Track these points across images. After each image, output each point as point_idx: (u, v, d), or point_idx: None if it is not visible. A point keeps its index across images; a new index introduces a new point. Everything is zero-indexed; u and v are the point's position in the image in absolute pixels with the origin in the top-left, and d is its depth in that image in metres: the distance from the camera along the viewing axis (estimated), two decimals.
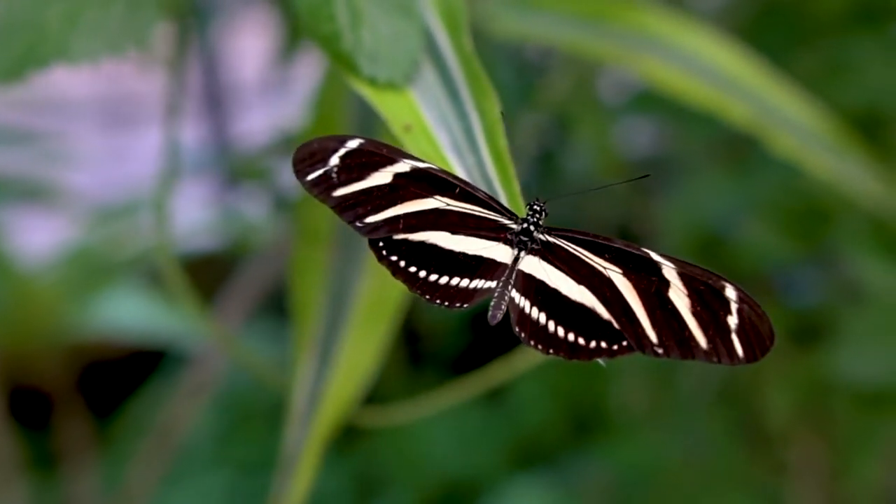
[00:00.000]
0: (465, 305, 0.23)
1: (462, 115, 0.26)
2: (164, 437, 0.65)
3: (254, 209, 0.78)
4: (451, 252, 0.23)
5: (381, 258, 0.24)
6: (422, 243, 0.23)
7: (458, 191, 0.23)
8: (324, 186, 0.23)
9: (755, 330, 0.22)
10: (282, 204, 0.56)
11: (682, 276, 0.22)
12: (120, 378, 0.85)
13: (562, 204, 0.77)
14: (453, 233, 0.24)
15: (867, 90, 0.45)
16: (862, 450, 0.55)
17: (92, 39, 0.29)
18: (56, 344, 0.71)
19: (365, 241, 0.35)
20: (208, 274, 0.75)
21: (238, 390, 0.82)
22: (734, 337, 0.22)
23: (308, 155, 0.23)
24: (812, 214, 0.47)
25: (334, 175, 0.23)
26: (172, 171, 0.37)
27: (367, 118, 0.36)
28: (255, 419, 0.83)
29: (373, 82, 0.26)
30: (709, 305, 0.22)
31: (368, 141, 0.24)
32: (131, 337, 0.79)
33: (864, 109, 0.44)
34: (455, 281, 0.23)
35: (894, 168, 0.43)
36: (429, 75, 0.27)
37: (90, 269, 0.70)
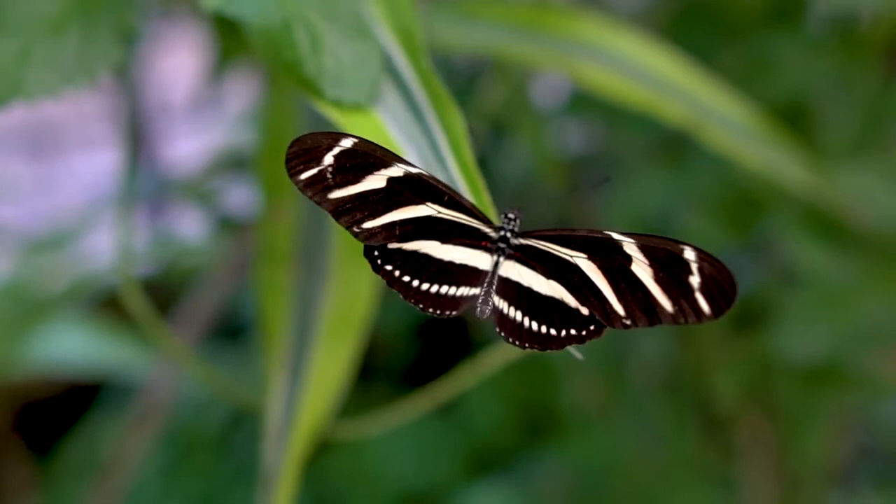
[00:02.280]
0: (453, 312, 0.24)
1: (426, 132, 0.27)
2: (109, 473, 0.64)
3: (187, 232, 0.77)
4: (440, 261, 0.24)
5: (376, 269, 0.24)
6: (415, 252, 0.24)
7: (446, 199, 0.24)
8: (319, 187, 0.24)
9: (718, 284, 0.23)
10: (228, 224, 0.56)
11: (643, 248, 0.23)
12: (58, 415, 0.83)
13: (503, 205, 0.78)
14: (443, 241, 0.24)
15: (788, 84, 0.47)
16: (806, 426, 0.57)
17: (47, 73, 0.29)
18: None
19: (327, 256, 0.36)
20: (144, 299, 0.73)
21: (181, 421, 0.80)
22: (698, 295, 0.23)
23: (302, 151, 0.24)
24: (745, 204, 0.50)
25: (329, 175, 0.24)
26: (129, 193, 0.37)
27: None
28: (201, 449, 0.82)
29: (338, 104, 0.27)
30: (671, 270, 0.23)
31: (362, 140, 0.24)
32: (68, 371, 0.77)
33: (787, 103, 0.47)
34: (444, 289, 0.24)
35: (819, 156, 0.45)
36: (390, 95, 0.28)
37: (23, 305, 0.68)
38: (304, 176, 0.24)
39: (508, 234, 0.25)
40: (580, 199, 0.63)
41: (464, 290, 0.24)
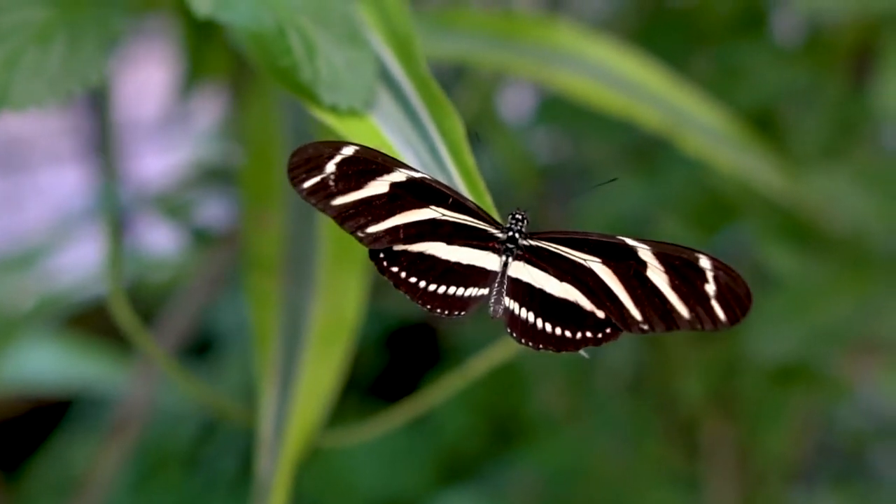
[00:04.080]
0: (462, 313, 0.25)
1: (424, 136, 0.27)
2: (81, 489, 0.63)
3: (156, 247, 0.76)
4: (447, 262, 0.25)
5: (382, 270, 0.24)
6: (420, 254, 0.24)
7: (451, 201, 0.25)
8: (322, 195, 0.24)
9: (733, 293, 0.23)
10: (201, 238, 0.56)
11: (658, 255, 0.24)
12: (26, 433, 0.81)
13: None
14: (448, 243, 0.25)
15: (757, 91, 0.48)
16: (769, 425, 0.59)
17: (34, 82, 0.28)
18: None
19: (315, 266, 0.36)
20: (110, 318, 0.73)
21: (152, 434, 0.80)
22: (714, 303, 0.23)
23: (303, 161, 0.24)
24: (717, 208, 0.51)
25: (332, 183, 0.24)
26: (113, 207, 0.36)
27: (304, 139, 0.37)
28: (172, 463, 0.81)
29: (334, 110, 0.27)
30: (686, 277, 0.23)
31: (363, 148, 0.24)
32: (36, 389, 0.76)
33: (756, 109, 0.48)
34: (452, 290, 0.25)
35: (790, 161, 0.46)
36: (386, 101, 0.28)
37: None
38: (306, 185, 0.24)
39: (516, 235, 0.25)
40: (551, 206, 0.64)
41: (472, 291, 0.25)
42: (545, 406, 0.75)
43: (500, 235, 0.25)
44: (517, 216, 0.25)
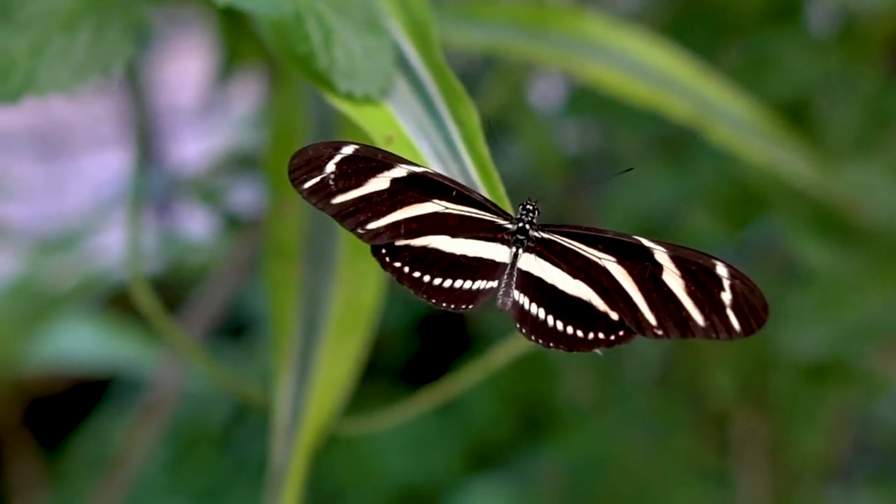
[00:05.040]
0: (470, 306, 0.24)
1: (440, 125, 0.27)
2: (116, 468, 0.64)
3: (193, 231, 0.77)
4: (452, 255, 0.24)
5: (385, 265, 0.24)
6: (424, 248, 0.24)
7: (454, 193, 0.24)
8: (322, 194, 0.24)
9: (749, 303, 0.23)
10: (233, 223, 0.56)
11: (674, 259, 0.23)
12: (67, 410, 0.83)
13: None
14: (453, 236, 0.24)
15: (787, 82, 0.48)
16: (803, 423, 0.58)
17: (59, 69, 0.29)
18: (1, 381, 0.69)
19: (335, 253, 0.36)
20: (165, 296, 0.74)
21: (186, 415, 0.81)
22: (729, 312, 0.23)
23: (304, 162, 0.24)
24: (747, 201, 0.50)
25: (332, 182, 0.24)
26: (138, 194, 0.37)
27: (328, 133, 0.37)
28: (205, 444, 0.83)
29: (350, 98, 0.27)
30: (702, 284, 0.23)
31: (363, 147, 0.24)
32: (76, 368, 0.78)
33: (788, 101, 0.47)
34: (459, 283, 0.24)
35: (822, 153, 0.45)
36: (403, 89, 0.28)
37: (33, 303, 0.68)
38: (307, 185, 0.24)
39: (527, 226, 0.25)
40: (578, 198, 0.64)
41: (480, 284, 0.24)
42: (573, 396, 0.75)
43: (509, 226, 0.25)
44: (528, 206, 0.25)
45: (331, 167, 0.24)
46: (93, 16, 0.30)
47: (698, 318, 0.23)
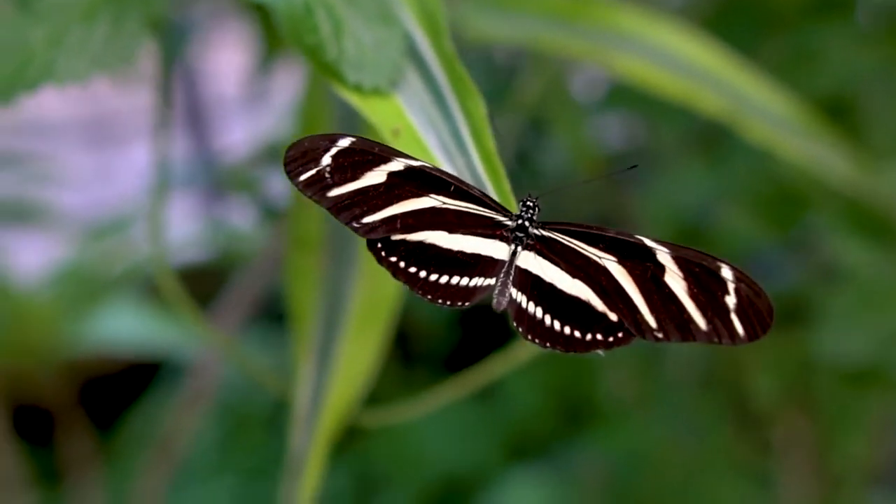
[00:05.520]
0: (466, 304, 0.24)
1: (448, 118, 0.26)
2: (166, 447, 0.66)
3: (241, 220, 0.78)
4: (449, 251, 0.24)
5: (380, 260, 0.24)
6: (420, 243, 0.24)
7: (452, 189, 0.24)
8: (318, 187, 0.24)
9: (754, 308, 0.22)
10: (270, 213, 0.57)
11: (677, 260, 0.23)
12: (119, 391, 0.85)
13: (541, 201, 0.78)
14: (450, 231, 0.24)
15: (832, 77, 0.46)
16: (847, 426, 0.56)
17: (77, 59, 0.29)
18: (55, 361, 0.71)
19: (357, 245, 0.36)
20: (198, 285, 0.76)
21: (236, 397, 0.83)
22: (734, 316, 0.22)
23: (300, 154, 0.24)
24: (786, 198, 0.49)
25: (328, 175, 0.23)
26: (163, 185, 0.38)
27: (351, 125, 0.37)
28: (254, 425, 0.84)
29: (358, 89, 0.27)
30: (706, 287, 0.22)
31: (360, 139, 0.24)
32: (128, 350, 0.80)
33: (831, 95, 0.46)
34: (455, 279, 0.24)
35: (864, 151, 0.44)
36: (413, 80, 0.28)
37: (84, 286, 0.70)
38: (302, 178, 0.24)
39: (527, 223, 0.24)
40: (619, 193, 0.63)
41: (477, 281, 0.24)
42: (615, 391, 0.74)
43: (509, 223, 0.24)
44: (528, 203, 0.24)
45: (327, 160, 0.24)
46: (111, 7, 0.30)
47: (700, 321, 0.22)
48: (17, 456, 0.63)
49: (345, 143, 0.24)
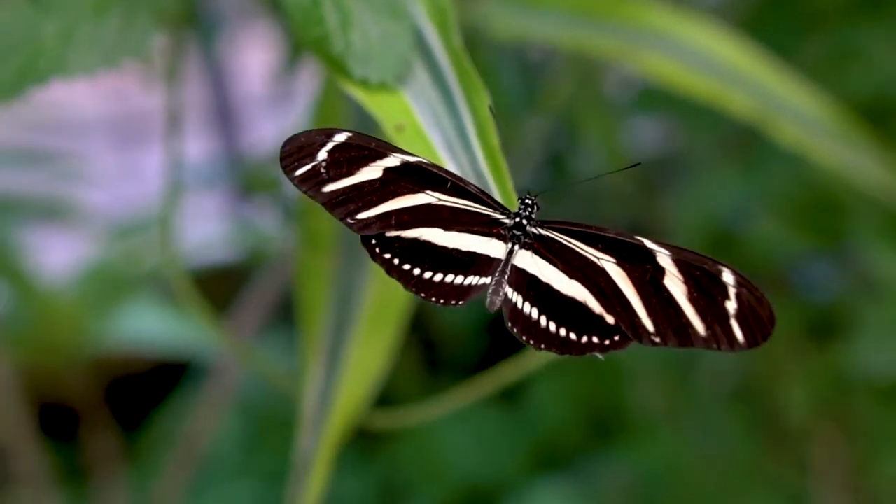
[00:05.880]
0: (459, 302, 0.23)
1: (455, 114, 0.26)
2: (189, 447, 0.65)
3: (266, 220, 0.78)
4: (444, 248, 0.23)
5: (374, 256, 0.23)
6: (415, 240, 0.23)
7: (449, 185, 0.23)
8: (313, 182, 0.23)
9: (755, 314, 0.21)
10: (291, 213, 0.56)
11: (678, 263, 0.22)
12: (145, 391, 0.86)
13: (573, 205, 0.77)
14: (446, 229, 0.23)
15: (874, 78, 0.44)
16: (885, 445, 0.54)
17: (88, 53, 0.29)
18: (81, 359, 0.71)
19: None
20: (224, 285, 0.75)
21: (261, 399, 0.82)
22: (733, 322, 0.22)
23: (296, 149, 0.23)
24: (823, 206, 0.47)
25: (323, 170, 0.23)
26: (175, 186, 0.37)
27: (367, 123, 0.36)
28: (279, 427, 0.84)
29: (365, 84, 0.26)
30: (706, 291, 0.22)
31: (356, 134, 0.23)
32: (155, 350, 0.80)
33: (872, 97, 0.44)
34: (450, 278, 0.23)
35: None
36: (422, 75, 0.27)
37: (109, 285, 0.70)
38: (298, 173, 0.23)
39: (524, 221, 0.23)
40: (653, 198, 0.61)
41: (472, 279, 0.23)
42: (645, 403, 0.73)
43: (506, 221, 0.24)
44: (527, 201, 0.24)
45: (323, 155, 0.23)
46: (122, 3, 0.30)
47: (699, 326, 0.22)
48: (43, 453, 0.63)
49: (341, 138, 0.23)
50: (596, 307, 0.23)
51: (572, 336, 0.23)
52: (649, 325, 0.22)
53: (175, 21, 0.34)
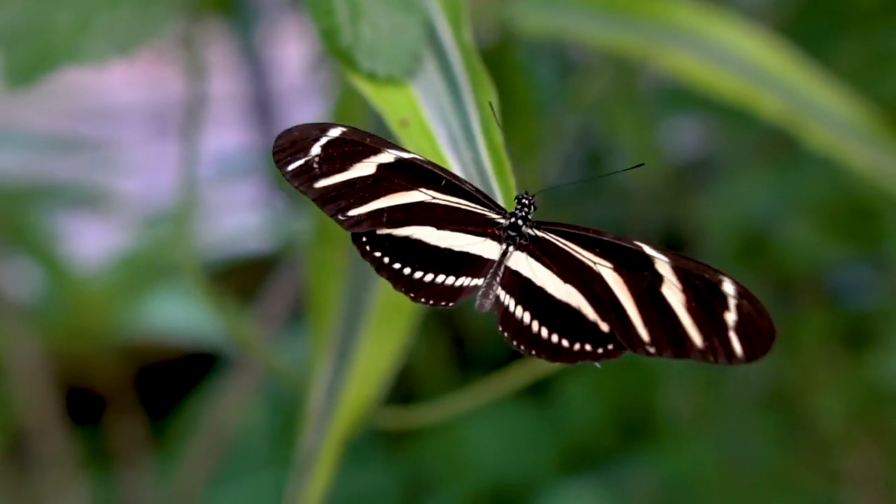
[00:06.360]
0: (449, 304, 0.23)
1: (461, 110, 0.25)
2: (214, 436, 0.66)
3: (296, 211, 0.78)
4: (436, 248, 0.23)
5: (364, 254, 0.23)
6: (406, 238, 0.23)
7: (444, 183, 0.23)
8: (305, 177, 0.23)
9: (755, 327, 0.21)
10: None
11: (677, 271, 0.21)
12: (175, 380, 0.86)
13: (605, 203, 0.76)
14: (439, 228, 0.23)
15: None
16: None
17: (101, 41, 0.29)
18: (110, 346, 0.72)
19: None
20: (257, 275, 0.76)
21: (288, 390, 0.82)
22: (732, 334, 0.21)
23: (289, 143, 0.23)
24: (858, 212, 0.45)
25: (316, 165, 0.23)
26: (191, 179, 0.37)
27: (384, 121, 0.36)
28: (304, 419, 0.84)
29: (372, 77, 0.26)
30: (705, 301, 0.21)
31: (351, 129, 0.23)
32: (185, 339, 0.80)
33: None
34: (440, 278, 0.23)
35: None
36: (431, 70, 0.26)
37: (140, 273, 0.71)
38: (290, 167, 0.23)
39: (519, 222, 0.23)
40: (686, 199, 0.60)
41: (464, 280, 0.23)
42: (675, 407, 0.72)
43: (502, 221, 0.23)
44: (524, 201, 0.23)
45: (316, 149, 0.23)
46: None
47: (696, 338, 0.21)
48: (69, 437, 0.64)
49: (335, 132, 0.23)
50: (590, 314, 0.22)
51: (564, 343, 0.22)
52: (644, 334, 0.21)
53: (195, 11, 0.34)
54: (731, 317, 0.21)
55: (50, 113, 0.76)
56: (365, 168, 0.23)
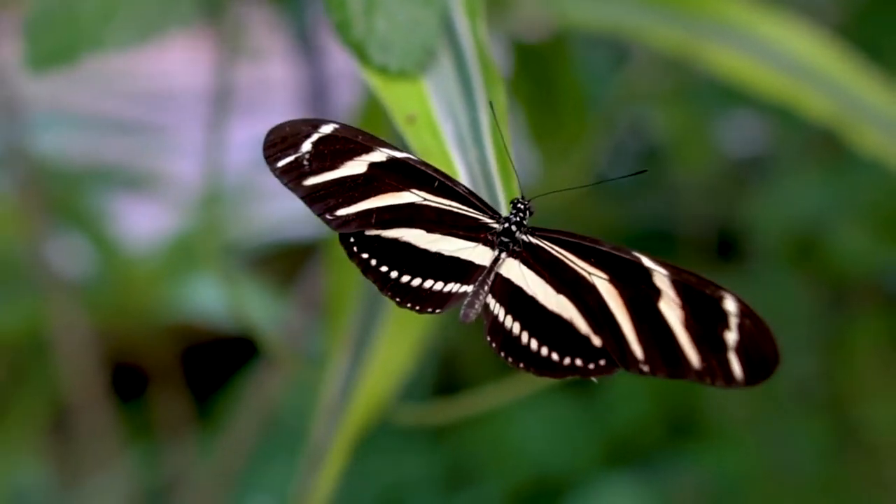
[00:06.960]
0: (438, 310, 0.22)
1: (472, 106, 0.24)
2: (258, 414, 0.66)
3: None
4: (425, 252, 0.22)
5: (351, 255, 0.22)
6: (395, 241, 0.22)
7: (437, 185, 0.22)
8: (294, 174, 0.22)
9: (757, 349, 0.19)
10: None
11: (676, 285, 0.20)
12: (221, 360, 0.87)
13: (657, 200, 0.74)
14: (429, 231, 0.22)
15: None
16: None
17: (125, 30, 0.29)
18: (157, 325, 0.73)
19: None
20: (304, 261, 0.76)
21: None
22: (731, 356, 0.20)
23: (279, 139, 0.22)
24: None
25: (306, 162, 0.22)
26: (216, 166, 0.37)
27: None
28: None
29: (384, 71, 0.25)
30: (704, 318, 0.20)
31: (343, 126, 0.22)
32: (229, 322, 0.81)
33: None
34: (428, 284, 0.22)
35: None
36: (446, 65, 0.26)
37: (189, 254, 0.72)
38: (279, 164, 0.22)
39: (513, 227, 0.22)
40: (739, 197, 0.58)
41: (453, 287, 0.22)
42: (724, 407, 0.70)
43: (495, 226, 0.22)
44: (519, 205, 0.22)
45: (307, 146, 0.22)
46: None
47: (693, 357, 0.20)
48: (114, 413, 0.65)
49: (327, 129, 0.22)
50: (583, 327, 0.21)
51: (554, 356, 0.21)
52: (638, 351, 0.20)
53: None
54: (731, 336, 0.20)
55: (108, 96, 0.78)
56: (356, 167, 0.22)
